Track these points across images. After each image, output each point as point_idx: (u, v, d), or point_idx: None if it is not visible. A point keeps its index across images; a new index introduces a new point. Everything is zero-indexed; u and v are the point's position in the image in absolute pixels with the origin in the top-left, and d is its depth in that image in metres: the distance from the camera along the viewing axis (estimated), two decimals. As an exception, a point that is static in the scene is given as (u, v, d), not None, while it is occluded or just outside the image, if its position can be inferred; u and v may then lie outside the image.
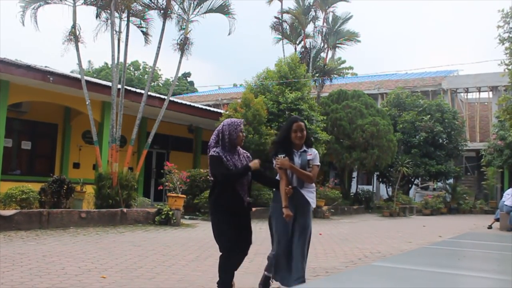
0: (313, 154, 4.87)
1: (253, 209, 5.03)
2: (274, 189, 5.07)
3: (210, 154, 4.76)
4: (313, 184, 4.92)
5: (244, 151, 5.02)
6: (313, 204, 4.89)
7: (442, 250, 1.30)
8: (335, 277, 0.73)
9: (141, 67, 52.14)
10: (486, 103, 33.29)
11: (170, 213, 12.48)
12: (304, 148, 4.88)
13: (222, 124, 4.89)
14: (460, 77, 33.92)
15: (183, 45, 14.68)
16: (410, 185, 27.83)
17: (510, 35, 13.83)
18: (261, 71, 19.69)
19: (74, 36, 13.24)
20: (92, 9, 14.39)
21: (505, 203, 15.92)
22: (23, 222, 9.95)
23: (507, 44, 13.90)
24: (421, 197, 27.16)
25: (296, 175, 4.78)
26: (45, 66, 15.40)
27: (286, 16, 23.69)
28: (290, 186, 4.73)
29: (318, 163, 4.91)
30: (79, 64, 13.60)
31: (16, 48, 64.00)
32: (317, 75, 23.70)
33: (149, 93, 14.70)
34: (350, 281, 0.86)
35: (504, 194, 17.04)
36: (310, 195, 4.87)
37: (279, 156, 4.76)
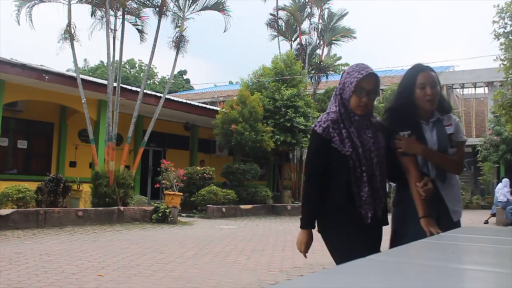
0: (455, 124, 2.96)
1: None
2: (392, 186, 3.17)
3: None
4: (457, 177, 2.97)
5: (379, 120, 2.91)
6: (461, 211, 2.93)
7: (438, 244, 1.32)
8: (329, 271, 0.73)
9: (136, 65, 52.06)
10: (482, 99, 33.36)
11: (167, 211, 12.48)
12: (438, 115, 2.93)
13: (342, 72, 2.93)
14: (456, 73, 33.97)
15: (179, 43, 14.66)
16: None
17: (505, 31, 13.85)
18: (257, 68, 19.73)
19: (69, 34, 13.21)
20: (87, 7, 14.36)
21: (498, 199, 16.00)
22: (20, 221, 9.93)
23: (502, 40, 13.91)
24: (418, 193, 27.16)
25: (432, 162, 2.84)
26: (41, 65, 15.35)
27: (282, 13, 23.68)
28: (428, 177, 2.78)
29: (464, 138, 3.02)
30: (75, 62, 13.57)
31: (11, 47, 63.80)
32: (313, 71, 23.70)
33: (145, 91, 14.68)
34: (345, 274, 0.87)
35: (496, 190, 17.13)
36: (457, 195, 2.94)
37: (402, 134, 2.84)
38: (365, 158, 2.64)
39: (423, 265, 0.98)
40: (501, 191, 16.00)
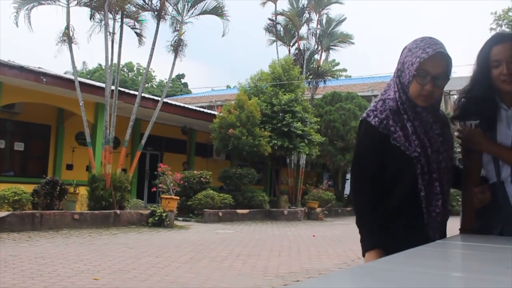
0: None
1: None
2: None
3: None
4: None
5: (445, 114, 2.29)
6: None
7: (435, 251, 1.31)
8: (325, 277, 0.73)
9: (135, 69, 52.07)
10: (479, 105, 33.45)
11: (164, 214, 12.46)
12: None
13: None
14: (453, 79, 33.69)
15: (177, 47, 14.68)
16: None
17: (503, 38, 13.91)
18: (255, 73, 19.74)
19: (67, 37, 13.21)
20: (86, 10, 14.36)
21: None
22: (16, 223, 9.90)
23: (499, 47, 13.98)
24: (415, 198, 27.23)
25: (504, 161, 2.17)
26: (38, 67, 15.34)
27: (280, 18, 23.72)
28: (486, 184, 2.21)
29: None
30: (73, 65, 13.56)
31: (9, 49, 63.74)
32: (310, 77, 23.74)
33: (142, 94, 14.68)
34: (341, 281, 0.86)
35: None
36: None
37: (468, 123, 2.27)
38: (435, 161, 2.00)
39: (420, 273, 0.97)
40: None
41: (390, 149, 1.97)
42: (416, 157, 1.96)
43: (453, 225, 2.57)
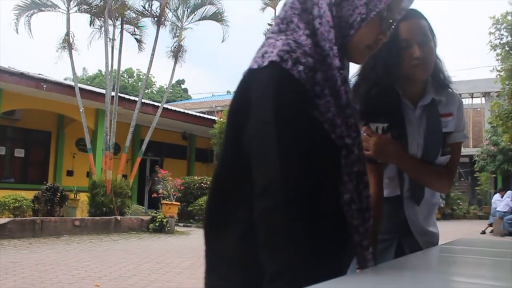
0: (457, 114, 1.87)
1: None
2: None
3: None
4: (438, 195, 1.96)
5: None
6: (438, 240, 1.95)
7: (435, 256, 1.32)
8: (324, 283, 0.73)
9: (135, 74, 52.14)
10: (478, 109, 33.49)
11: (164, 220, 12.45)
12: (432, 94, 1.82)
13: None
14: (453, 83, 34.10)
15: (177, 53, 14.71)
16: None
17: (502, 42, 13.94)
18: (255, 78, 19.76)
19: (67, 43, 13.24)
20: (86, 17, 14.40)
21: (497, 208, 16.01)
22: (16, 230, 9.88)
23: (498, 51, 14.01)
24: (415, 203, 27.22)
25: (410, 175, 1.81)
26: (39, 74, 15.37)
27: (280, 23, 23.78)
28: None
29: (465, 138, 1.90)
30: (73, 71, 13.58)
31: (10, 55, 63.88)
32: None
33: (143, 100, 14.69)
34: (339, 286, 0.87)
35: (493, 200, 17.17)
36: (433, 220, 1.95)
37: (374, 126, 1.71)
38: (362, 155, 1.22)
39: (420, 278, 0.98)
40: (504, 201, 15.99)
41: (308, 127, 1.08)
42: (347, 146, 1.13)
43: (454, 228, 2.58)
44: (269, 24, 23.89)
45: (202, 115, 21.37)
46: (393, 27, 1.22)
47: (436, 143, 1.76)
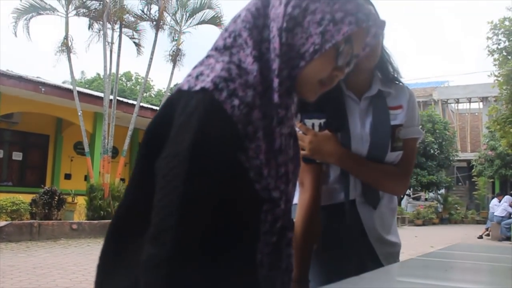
0: (407, 106, 1.66)
1: None
2: None
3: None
4: (396, 199, 1.75)
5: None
6: (399, 249, 1.77)
7: (431, 261, 1.31)
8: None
9: (133, 78, 52.11)
10: (476, 114, 33.56)
11: (162, 224, 12.44)
12: (379, 85, 1.63)
13: None
14: (451, 88, 34.19)
15: (175, 56, 14.73)
16: (402, 196, 27.84)
17: (499, 47, 13.99)
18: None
19: (66, 47, 13.25)
20: (85, 20, 14.42)
21: (494, 213, 16.03)
22: (14, 233, 9.86)
23: (496, 56, 14.05)
24: (413, 207, 27.23)
25: (355, 176, 1.59)
26: (37, 77, 15.36)
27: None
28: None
29: (420, 132, 1.71)
30: (71, 75, 13.59)
31: (8, 59, 63.90)
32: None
33: (141, 104, 14.69)
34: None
35: (491, 205, 17.19)
36: (393, 227, 1.72)
37: (310, 122, 1.54)
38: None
39: (416, 284, 0.98)
40: (502, 206, 16.02)
41: (234, 171, 0.93)
42: (273, 200, 0.98)
43: (451, 233, 2.57)
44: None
45: (200, 119, 21.35)
46: (352, 65, 1.05)
47: (384, 136, 1.57)
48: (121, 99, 16.03)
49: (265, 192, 0.94)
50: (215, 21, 15.53)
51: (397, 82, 1.68)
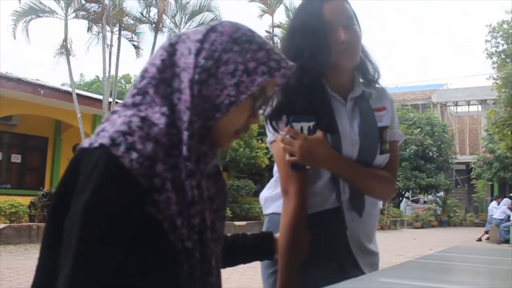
0: (391, 108, 1.61)
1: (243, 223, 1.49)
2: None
3: None
4: (378, 205, 1.68)
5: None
6: (378, 259, 1.65)
7: (430, 263, 1.31)
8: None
9: (132, 80, 52.16)
10: (475, 117, 33.63)
11: (161, 226, 12.44)
12: (362, 87, 1.56)
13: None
14: (450, 91, 34.28)
15: (175, 59, 14.76)
16: (400, 198, 27.93)
17: (498, 50, 14.03)
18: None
19: (65, 49, 13.28)
20: (84, 23, 14.45)
21: (493, 216, 16.05)
22: (12, 236, 9.85)
23: (494, 59, 14.10)
24: (412, 210, 27.26)
25: (346, 181, 1.49)
26: (36, 79, 15.37)
27: (277, 30, 23.86)
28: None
29: (402, 135, 1.66)
30: (70, 77, 13.62)
31: (7, 61, 63.91)
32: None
33: (140, 106, 14.69)
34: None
35: (490, 207, 17.21)
36: (373, 235, 1.64)
37: (298, 125, 1.39)
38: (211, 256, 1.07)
39: (411, 286, 0.99)
40: (500, 209, 16.04)
41: (142, 226, 0.90)
42: (188, 250, 0.95)
43: (450, 235, 2.57)
44: (267, 31, 24.03)
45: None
46: (263, 110, 1.03)
47: (373, 138, 1.50)
48: (120, 101, 16.01)
49: (179, 243, 0.93)
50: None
51: (377, 84, 1.63)
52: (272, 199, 1.60)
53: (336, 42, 1.44)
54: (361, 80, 1.59)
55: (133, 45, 15.21)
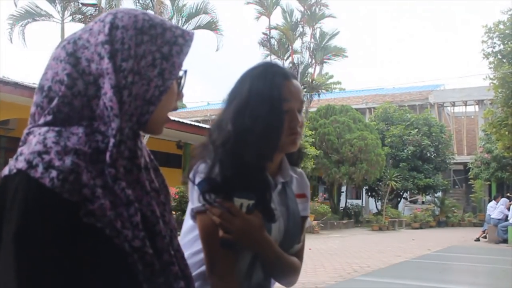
0: (308, 195, 1.57)
1: None
2: None
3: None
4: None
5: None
6: None
7: (428, 263, 1.30)
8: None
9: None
10: (472, 117, 33.66)
11: (159, 229, 12.42)
12: (290, 171, 1.48)
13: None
14: (447, 91, 34.31)
15: (172, 62, 14.77)
16: (399, 199, 27.94)
17: (494, 50, 14.07)
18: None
19: (62, 53, 13.26)
20: (81, 26, 14.44)
21: (491, 216, 16.07)
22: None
23: (491, 59, 14.13)
24: (410, 210, 27.28)
25: (267, 265, 1.39)
26: (33, 83, 15.33)
27: (274, 32, 23.92)
28: None
29: (308, 213, 1.56)
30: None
31: (4, 65, 63.82)
32: (305, 90, 23.85)
33: (137, 109, 14.68)
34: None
35: (488, 207, 17.25)
36: None
37: (239, 202, 1.30)
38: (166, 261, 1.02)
39: (411, 286, 0.99)
40: (498, 208, 16.06)
41: (81, 240, 0.89)
42: (137, 249, 0.93)
43: (448, 235, 2.57)
44: (264, 33, 24.08)
45: (197, 124, 21.36)
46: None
47: (297, 227, 1.45)
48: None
49: (126, 245, 0.91)
50: (211, 26, 15.61)
51: (298, 166, 1.56)
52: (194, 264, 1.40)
53: (290, 125, 1.36)
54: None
55: (130, 48, 15.23)
